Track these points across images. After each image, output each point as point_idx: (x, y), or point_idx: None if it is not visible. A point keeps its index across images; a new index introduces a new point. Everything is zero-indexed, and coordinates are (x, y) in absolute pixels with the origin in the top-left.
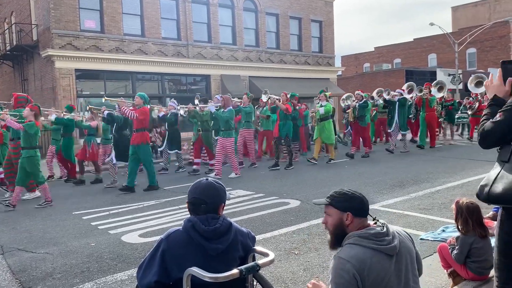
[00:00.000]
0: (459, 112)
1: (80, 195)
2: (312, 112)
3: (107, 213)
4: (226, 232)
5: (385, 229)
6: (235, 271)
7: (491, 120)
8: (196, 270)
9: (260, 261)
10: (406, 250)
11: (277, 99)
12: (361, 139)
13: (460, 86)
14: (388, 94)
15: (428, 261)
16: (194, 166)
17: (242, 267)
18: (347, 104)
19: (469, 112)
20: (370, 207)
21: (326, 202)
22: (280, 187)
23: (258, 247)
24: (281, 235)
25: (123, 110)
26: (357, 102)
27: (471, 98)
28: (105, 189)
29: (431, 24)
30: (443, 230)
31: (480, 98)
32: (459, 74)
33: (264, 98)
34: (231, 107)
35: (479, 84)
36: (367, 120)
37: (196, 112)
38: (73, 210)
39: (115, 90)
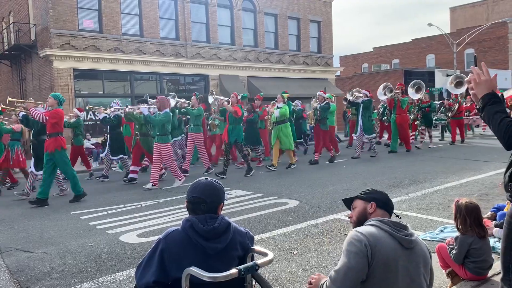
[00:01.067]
0: (439, 113)
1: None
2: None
3: (105, 213)
4: (225, 231)
5: (406, 225)
6: (234, 270)
7: None
8: (195, 270)
9: (259, 260)
10: (422, 254)
11: (225, 100)
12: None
13: None
14: (352, 95)
15: None
16: (131, 174)
17: (241, 266)
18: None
19: (449, 114)
20: None
21: (354, 196)
22: (278, 187)
23: (257, 247)
24: (279, 235)
25: (32, 112)
26: (318, 103)
27: (450, 100)
28: (100, 190)
29: (430, 24)
30: (442, 230)
31: (459, 99)
32: (457, 74)
33: (210, 99)
34: (168, 110)
35: (459, 84)
36: (329, 123)
37: (132, 114)
38: (71, 210)
39: (113, 90)
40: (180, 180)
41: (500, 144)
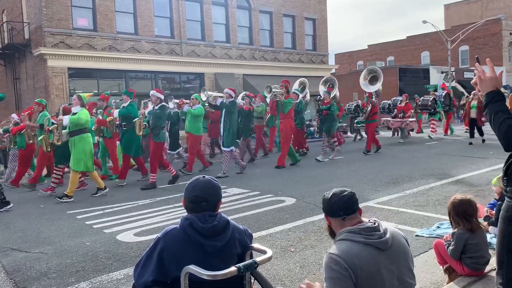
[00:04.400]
0: (360, 115)
1: (74, 194)
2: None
3: (102, 212)
4: (224, 229)
5: (376, 224)
6: (233, 268)
7: None
8: (194, 268)
9: (258, 258)
10: (399, 246)
11: None
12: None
13: (453, 84)
14: (206, 95)
15: (424, 257)
16: None
17: (240, 264)
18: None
19: (363, 117)
20: (365, 204)
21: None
22: (275, 185)
23: (255, 244)
24: (276, 233)
25: None
26: (153, 106)
27: (364, 99)
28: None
29: (424, 21)
30: (438, 227)
31: (373, 99)
32: (452, 71)
33: None
34: None
35: (374, 80)
36: (194, 132)
37: None
38: (67, 210)
39: (108, 88)
40: None
41: (497, 142)
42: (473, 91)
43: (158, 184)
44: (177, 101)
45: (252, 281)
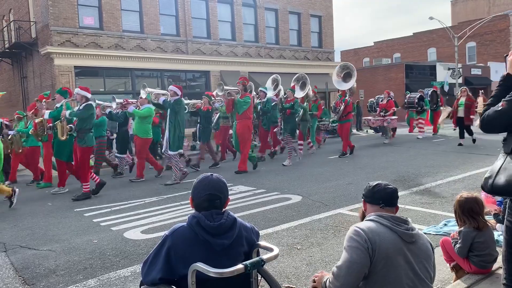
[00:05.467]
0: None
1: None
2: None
3: (109, 210)
4: (231, 227)
5: (407, 219)
6: (240, 266)
7: (493, 108)
8: (201, 266)
9: (265, 256)
10: (423, 246)
11: None
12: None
13: (460, 80)
14: (146, 92)
15: None
16: None
17: (247, 262)
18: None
19: (335, 117)
20: None
21: None
22: (281, 183)
23: (262, 242)
24: (283, 231)
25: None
26: (79, 105)
27: (337, 98)
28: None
29: (431, 18)
30: (445, 224)
31: (347, 98)
32: (459, 68)
33: None
34: None
35: (348, 77)
36: (142, 135)
37: None
38: (75, 207)
39: (114, 87)
40: None
41: (501, 136)
42: (462, 87)
43: (161, 181)
44: (121, 101)
45: (259, 278)
